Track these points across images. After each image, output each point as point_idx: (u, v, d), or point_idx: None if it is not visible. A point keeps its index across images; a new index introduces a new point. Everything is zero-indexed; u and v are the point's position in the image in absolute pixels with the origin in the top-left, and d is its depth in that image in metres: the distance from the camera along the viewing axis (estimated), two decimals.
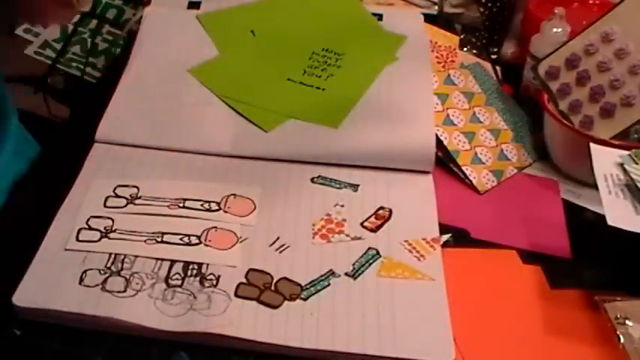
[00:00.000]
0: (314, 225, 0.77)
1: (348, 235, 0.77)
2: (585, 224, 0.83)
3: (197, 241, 0.74)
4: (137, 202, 0.78)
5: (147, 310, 0.67)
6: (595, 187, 0.74)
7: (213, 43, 0.98)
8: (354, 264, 0.73)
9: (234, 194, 0.80)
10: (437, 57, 1.00)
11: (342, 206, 0.80)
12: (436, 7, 1.15)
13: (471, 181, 0.87)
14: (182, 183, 0.81)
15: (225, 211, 0.78)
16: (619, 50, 0.85)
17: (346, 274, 0.72)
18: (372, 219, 0.79)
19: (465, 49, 1.08)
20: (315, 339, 0.66)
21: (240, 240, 0.75)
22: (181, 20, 1.01)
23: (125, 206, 0.77)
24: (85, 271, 0.70)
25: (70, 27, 1.14)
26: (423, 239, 0.76)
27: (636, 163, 0.75)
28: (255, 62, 0.97)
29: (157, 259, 0.72)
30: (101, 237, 0.73)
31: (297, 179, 0.83)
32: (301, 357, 0.66)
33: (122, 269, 0.70)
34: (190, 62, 0.95)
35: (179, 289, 0.69)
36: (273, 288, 0.70)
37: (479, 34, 1.12)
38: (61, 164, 0.84)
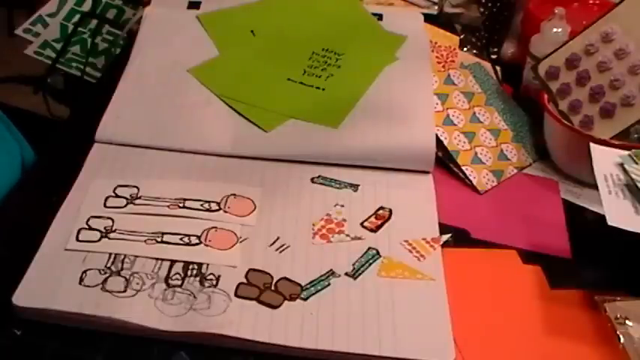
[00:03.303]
0: (314, 225, 0.77)
1: (348, 235, 0.76)
2: (585, 224, 0.83)
3: (197, 241, 0.74)
4: (137, 202, 0.78)
5: (147, 310, 0.67)
6: (595, 187, 0.74)
7: (213, 43, 0.98)
8: (354, 264, 0.73)
9: (234, 194, 0.80)
10: (437, 57, 1.00)
11: (342, 206, 0.80)
12: (436, 7, 1.15)
13: (471, 181, 0.87)
14: (182, 183, 0.81)
15: (225, 211, 0.78)
16: (619, 50, 0.85)
17: (346, 274, 0.72)
18: (372, 219, 0.79)
19: (465, 49, 1.09)
20: (315, 339, 0.66)
21: (240, 240, 0.75)
22: (181, 20, 1.01)
23: (125, 206, 0.77)
24: (85, 271, 0.70)
25: (70, 27, 1.14)
26: (423, 239, 0.76)
27: (636, 163, 0.75)
28: (255, 62, 0.97)
29: (157, 259, 0.72)
30: (101, 237, 0.73)
31: (297, 179, 0.83)
32: (301, 357, 0.66)
33: (122, 269, 0.70)
34: (190, 62, 0.95)
35: (179, 289, 0.69)
36: (273, 288, 0.70)
37: (479, 34, 1.12)
38: (61, 164, 0.84)
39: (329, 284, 0.71)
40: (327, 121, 0.87)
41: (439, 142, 0.87)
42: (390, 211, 0.80)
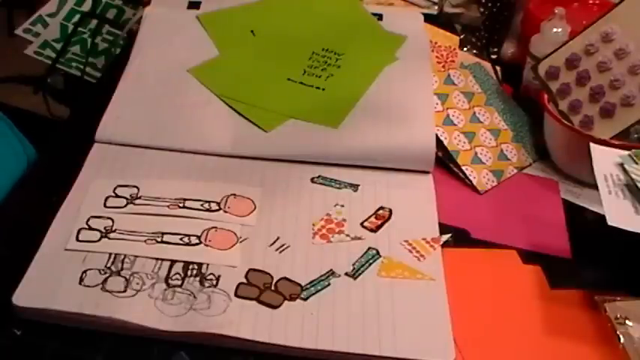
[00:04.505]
0: (314, 225, 0.77)
1: (348, 235, 0.76)
2: (585, 224, 0.83)
3: (197, 241, 0.74)
4: (137, 202, 0.78)
5: (147, 310, 0.67)
6: (595, 187, 0.74)
7: (213, 43, 0.98)
8: (354, 264, 0.73)
9: (234, 194, 0.80)
10: (437, 57, 1.00)
11: (342, 206, 0.80)
12: (436, 7, 1.15)
13: (471, 181, 0.87)
14: (182, 183, 0.81)
15: (225, 211, 0.78)
16: (619, 50, 0.85)
17: (346, 274, 0.72)
18: (372, 219, 0.79)
19: (465, 49, 1.09)
20: (315, 339, 0.66)
21: (240, 240, 0.75)
22: (181, 20, 1.01)
23: (125, 206, 0.77)
24: (85, 271, 0.70)
25: (70, 27, 1.14)
26: (423, 239, 0.76)
27: (636, 163, 0.75)
28: (255, 62, 0.97)
29: (157, 259, 0.72)
30: (101, 237, 0.73)
31: (297, 179, 0.83)
32: (301, 357, 0.66)
33: (122, 269, 0.70)
34: (190, 62, 0.95)
35: (179, 289, 0.69)
36: (273, 288, 0.70)
37: (479, 34, 1.12)
38: (61, 164, 0.84)
39: (329, 284, 0.71)
40: (327, 121, 0.87)
41: (439, 142, 0.87)
42: (390, 211, 0.80)
